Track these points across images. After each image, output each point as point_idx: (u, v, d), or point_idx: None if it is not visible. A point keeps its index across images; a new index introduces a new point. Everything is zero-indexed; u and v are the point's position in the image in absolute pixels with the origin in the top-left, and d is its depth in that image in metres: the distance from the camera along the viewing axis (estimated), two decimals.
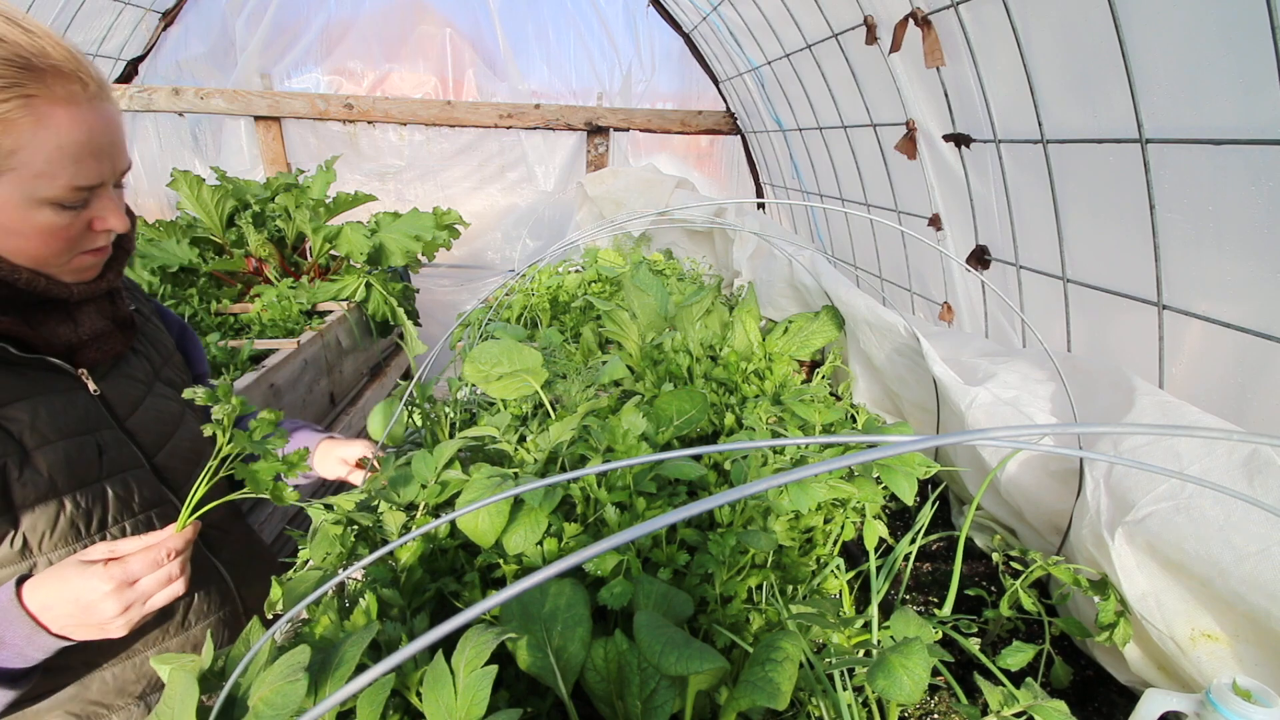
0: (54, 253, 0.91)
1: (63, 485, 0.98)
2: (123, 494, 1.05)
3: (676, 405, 1.20)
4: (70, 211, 0.88)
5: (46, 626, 0.87)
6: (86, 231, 0.93)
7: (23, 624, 0.86)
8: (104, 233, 0.95)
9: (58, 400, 0.99)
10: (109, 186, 0.92)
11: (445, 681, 0.57)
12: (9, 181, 0.82)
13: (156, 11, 3.97)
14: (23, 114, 0.79)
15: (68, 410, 1.00)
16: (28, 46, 0.79)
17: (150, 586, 0.91)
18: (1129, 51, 1.20)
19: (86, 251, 0.95)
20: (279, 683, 0.52)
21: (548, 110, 4.31)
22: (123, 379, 1.11)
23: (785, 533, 1.01)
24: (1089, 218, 1.47)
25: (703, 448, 0.45)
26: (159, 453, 1.14)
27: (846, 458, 0.38)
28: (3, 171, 0.81)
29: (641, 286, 1.65)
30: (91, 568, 0.88)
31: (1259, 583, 0.81)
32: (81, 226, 0.91)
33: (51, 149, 0.82)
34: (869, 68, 2.20)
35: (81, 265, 0.96)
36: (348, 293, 3.22)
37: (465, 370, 1.22)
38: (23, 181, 0.82)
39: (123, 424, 1.09)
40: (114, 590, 0.87)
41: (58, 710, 1.06)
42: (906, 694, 0.59)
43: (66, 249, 0.92)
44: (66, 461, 0.98)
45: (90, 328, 1.03)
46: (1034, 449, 1.17)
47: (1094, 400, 1.20)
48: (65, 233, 0.89)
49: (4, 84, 0.77)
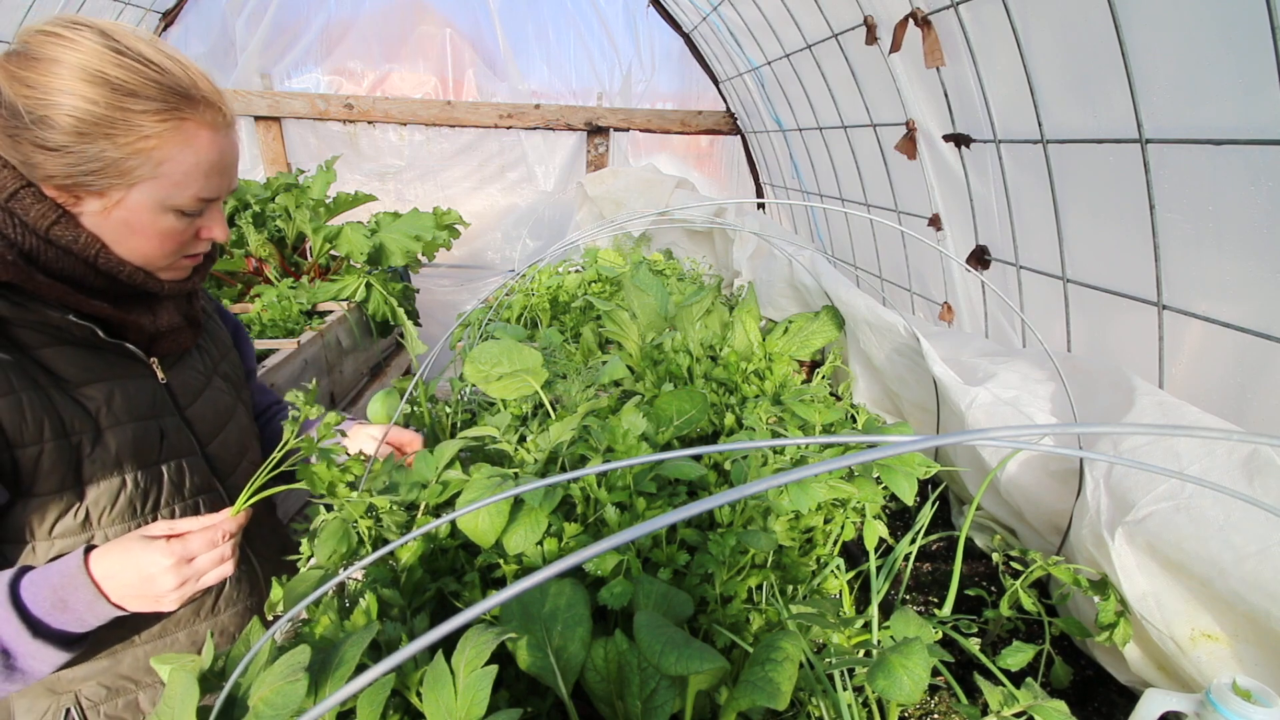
0: (165, 254, 1.03)
1: (127, 464, 1.05)
2: (177, 478, 1.13)
3: (676, 405, 1.20)
4: (187, 219, 1.01)
5: (107, 595, 0.94)
6: (194, 239, 1.05)
7: (87, 590, 0.92)
8: (207, 240, 1.07)
9: (131, 385, 1.08)
10: (220, 202, 1.05)
11: (445, 681, 0.57)
12: (150, 187, 0.95)
13: (156, 11, 3.97)
14: (175, 133, 0.93)
15: (139, 395, 1.08)
16: (183, 78, 0.94)
17: (205, 564, 0.99)
18: (1129, 51, 1.20)
19: (188, 256, 1.08)
20: (279, 683, 0.52)
21: (548, 110, 4.31)
22: (187, 370, 1.20)
23: (785, 533, 1.01)
24: (1089, 218, 1.47)
25: (703, 448, 0.45)
26: (212, 442, 1.22)
27: (846, 458, 0.38)
28: (148, 178, 0.94)
29: (641, 286, 1.65)
30: (154, 542, 0.95)
31: (1259, 583, 0.81)
32: (191, 233, 1.04)
33: (191, 164, 0.96)
34: (869, 68, 2.20)
35: (180, 267, 1.08)
36: (348, 293, 3.22)
37: (466, 370, 1.22)
38: (160, 189, 0.95)
39: (183, 412, 1.17)
40: (174, 565, 0.94)
41: (90, 681, 1.13)
42: (906, 694, 0.59)
43: (175, 251, 1.04)
44: (133, 442, 1.06)
45: (167, 321, 1.12)
46: (1034, 449, 1.17)
47: (1094, 400, 1.20)
48: (179, 237, 1.02)
49: (166, 107, 0.92)
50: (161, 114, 0.92)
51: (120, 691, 1.15)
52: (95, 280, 0.99)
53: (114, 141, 0.90)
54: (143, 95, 0.90)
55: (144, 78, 0.90)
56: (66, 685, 1.11)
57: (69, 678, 1.11)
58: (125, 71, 0.89)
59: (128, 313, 1.05)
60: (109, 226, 0.96)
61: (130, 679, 1.16)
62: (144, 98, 0.90)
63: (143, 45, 0.92)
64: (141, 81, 0.90)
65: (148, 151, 0.92)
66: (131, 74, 0.89)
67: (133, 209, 0.96)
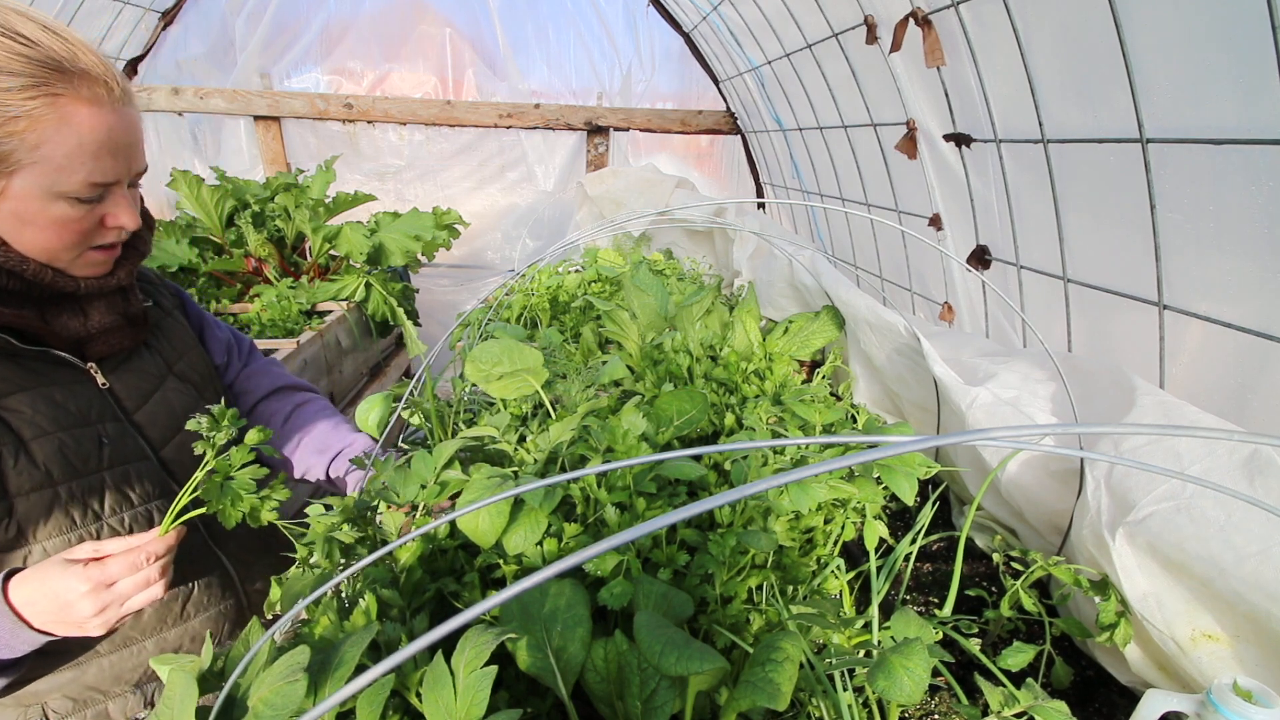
0: (65, 245, 0.95)
1: (59, 475, 1.00)
2: (123, 486, 1.07)
3: (677, 405, 1.20)
4: (84, 206, 0.93)
5: (28, 621, 0.90)
6: (98, 227, 0.97)
7: (6, 618, 0.89)
8: (115, 229, 0.99)
9: (59, 392, 1.02)
10: (123, 186, 0.97)
11: (445, 682, 0.57)
12: (31, 174, 0.87)
13: (156, 11, 3.96)
14: (48, 111, 0.85)
15: (69, 402, 1.03)
16: (60, 51, 0.86)
17: (128, 589, 0.94)
18: (1129, 51, 1.20)
19: (97, 248, 0.99)
20: (278, 683, 0.52)
21: (547, 110, 4.31)
22: (133, 373, 1.14)
23: (785, 533, 1.01)
24: (1089, 217, 1.47)
25: (703, 448, 0.45)
26: (166, 445, 1.16)
27: (847, 458, 0.37)
28: (26, 164, 0.86)
29: (641, 286, 1.65)
30: (71, 567, 0.91)
31: (1260, 583, 0.81)
32: (94, 222, 0.95)
33: (72, 145, 0.87)
34: (869, 67, 2.20)
35: (92, 261, 1.00)
36: (347, 293, 3.22)
37: (467, 369, 1.22)
38: (43, 174, 0.87)
39: (130, 417, 1.12)
40: (90, 590, 0.90)
41: (56, 693, 1.09)
42: (907, 695, 0.59)
43: (77, 243, 0.96)
44: (62, 452, 1.00)
45: (99, 322, 1.06)
46: (1035, 449, 1.17)
47: (1094, 400, 1.20)
48: (77, 226, 0.94)
49: (33, 83, 0.84)
50: (29, 90, 0.83)
51: (88, 703, 1.12)
52: (7, 283, 0.93)
53: None
54: (6, 70, 0.82)
55: (9, 52, 0.83)
56: (32, 698, 1.08)
57: (34, 691, 1.07)
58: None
59: (54, 317, 1.00)
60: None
61: (97, 690, 1.12)
62: (8, 73, 0.82)
63: (14, 19, 0.85)
64: (5, 56, 0.83)
65: (20, 134, 0.84)
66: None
67: (19, 198, 0.88)
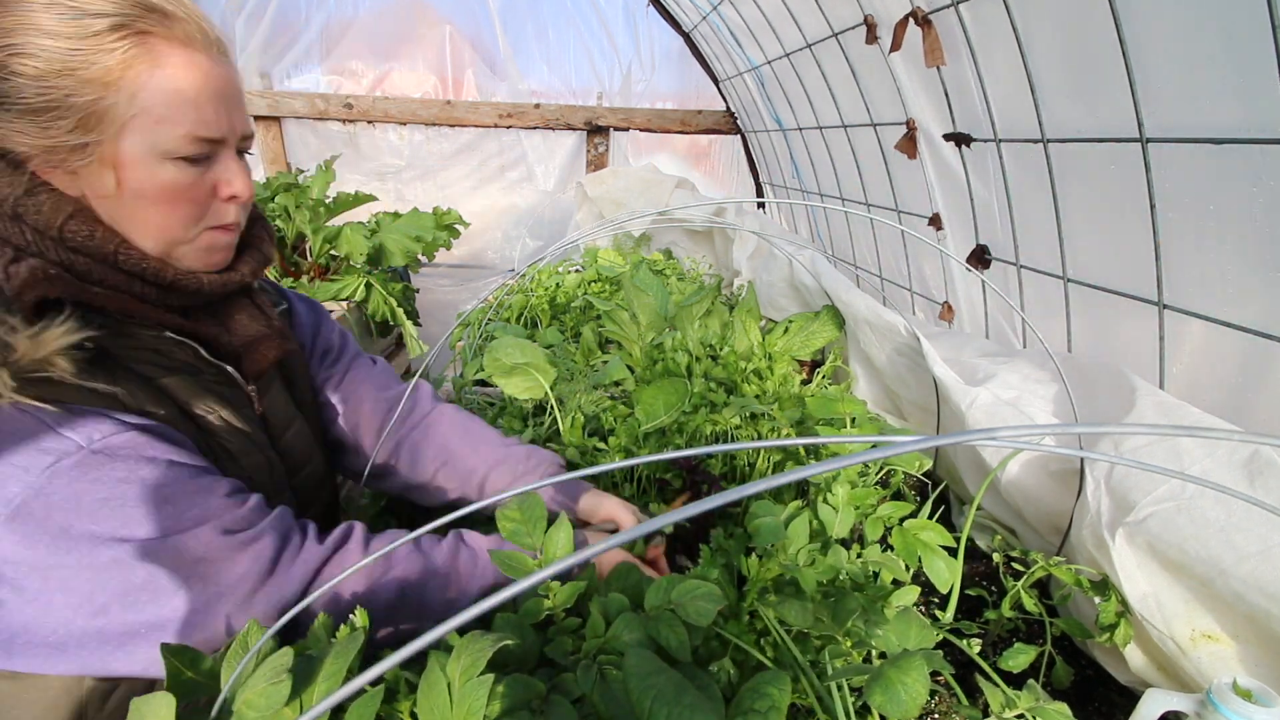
0: (182, 221, 0.83)
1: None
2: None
3: (664, 399, 1.21)
4: (194, 169, 0.82)
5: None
6: (213, 199, 0.86)
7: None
8: (231, 202, 0.87)
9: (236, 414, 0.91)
10: (232, 148, 0.86)
11: (440, 688, 0.55)
12: (133, 130, 0.77)
13: None
14: (140, 51, 0.75)
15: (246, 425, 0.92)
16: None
17: None
18: (1130, 50, 1.20)
19: (214, 227, 0.87)
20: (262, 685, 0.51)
21: (547, 110, 4.30)
22: (276, 397, 1.02)
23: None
24: (1089, 217, 1.47)
25: (703, 448, 0.45)
26: (295, 477, 1.05)
27: (847, 458, 0.37)
28: (126, 120, 0.76)
29: (641, 286, 1.65)
30: None
31: (1260, 583, 0.81)
32: (207, 190, 0.85)
33: (170, 90, 0.77)
34: (869, 67, 2.20)
35: (210, 244, 0.88)
36: (347, 293, 3.22)
37: (485, 362, 1.33)
38: (146, 129, 0.77)
39: (276, 446, 1.00)
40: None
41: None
42: (903, 710, 0.59)
43: (194, 217, 0.85)
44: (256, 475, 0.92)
45: (244, 331, 0.93)
46: (1035, 449, 1.17)
47: (1095, 400, 1.20)
48: (190, 194, 0.83)
49: (121, 21, 0.74)
50: (119, 29, 0.74)
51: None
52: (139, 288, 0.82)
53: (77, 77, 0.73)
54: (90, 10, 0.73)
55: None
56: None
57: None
58: None
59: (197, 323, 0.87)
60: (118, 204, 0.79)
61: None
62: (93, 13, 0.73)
63: None
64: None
65: (115, 83, 0.75)
66: None
67: (130, 165, 0.78)
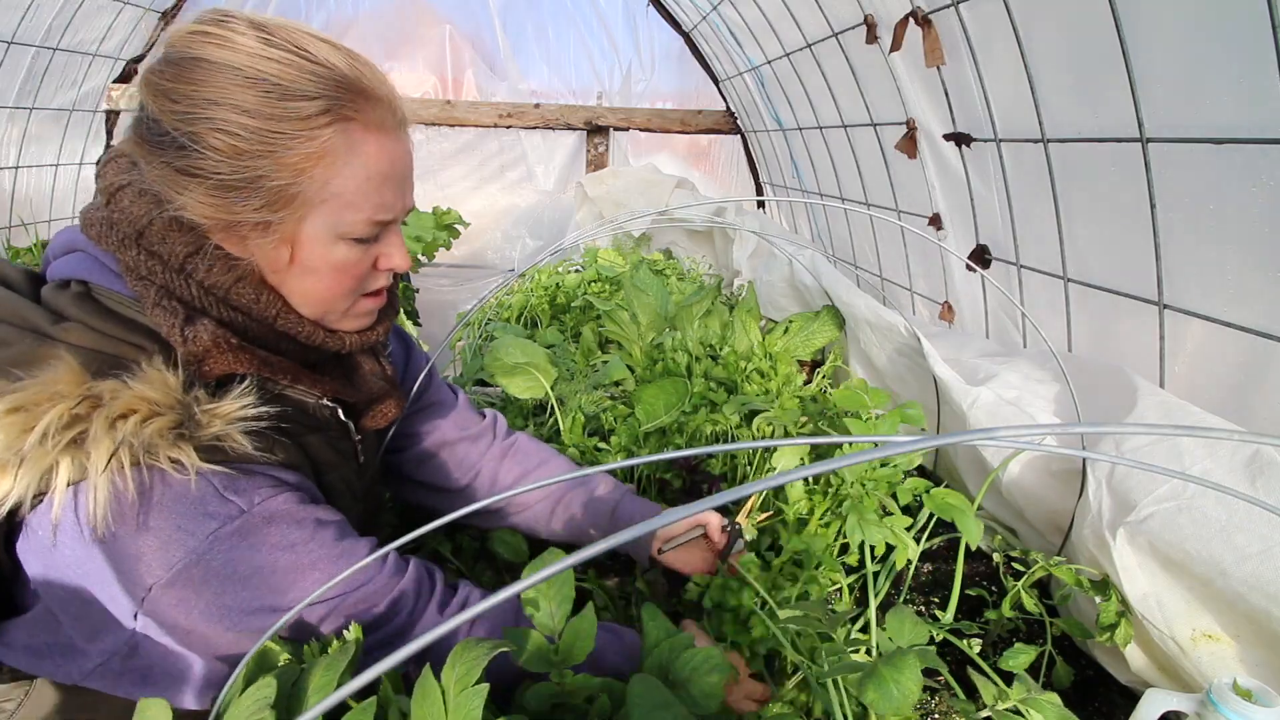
0: (342, 294, 0.83)
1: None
2: None
3: (664, 399, 1.22)
4: (362, 247, 0.81)
5: None
6: (371, 270, 0.85)
7: None
8: (386, 272, 0.87)
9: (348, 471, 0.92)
10: (399, 223, 0.86)
11: (434, 698, 0.55)
12: (321, 214, 0.76)
13: (156, 11, 3.96)
14: (340, 139, 0.74)
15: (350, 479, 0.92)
16: (347, 70, 0.75)
17: None
18: (1130, 50, 1.20)
19: (368, 294, 0.87)
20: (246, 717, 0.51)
21: (547, 110, 4.30)
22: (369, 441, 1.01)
23: None
24: (1090, 217, 1.47)
25: (704, 449, 0.45)
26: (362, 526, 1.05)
27: (847, 458, 0.37)
28: (316, 204, 0.75)
29: (641, 286, 1.65)
30: None
31: (1260, 583, 0.81)
32: (369, 264, 0.84)
33: (361, 178, 0.76)
34: (869, 67, 2.20)
35: (361, 310, 0.88)
36: None
37: (486, 361, 1.32)
38: (331, 213, 0.76)
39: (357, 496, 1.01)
40: None
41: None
42: (895, 707, 0.59)
43: (353, 289, 0.84)
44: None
45: (367, 389, 0.92)
46: (1037, 449, 1.17)
47: (1096, 400, 1.20)
48: (355, 270, 0.82)
49: (329, 105, 0.72)
50: (325, 116, 0.72)
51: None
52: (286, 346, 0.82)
53: (275, 159, 0.71)
54: (302, 94, 0.71)
55: (300, 70, 0.71)
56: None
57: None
58: (281, 66, 0.71)
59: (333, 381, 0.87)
60: (285, 274, 0.78)
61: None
62: (304, 97, 0.71)
63: (300, 35, 0.74)
64: (298, 75, 0.71)
65: (311, 168, 0.73)
66: (288, 68, 0.71)
67: (305, 244, 0.77)
